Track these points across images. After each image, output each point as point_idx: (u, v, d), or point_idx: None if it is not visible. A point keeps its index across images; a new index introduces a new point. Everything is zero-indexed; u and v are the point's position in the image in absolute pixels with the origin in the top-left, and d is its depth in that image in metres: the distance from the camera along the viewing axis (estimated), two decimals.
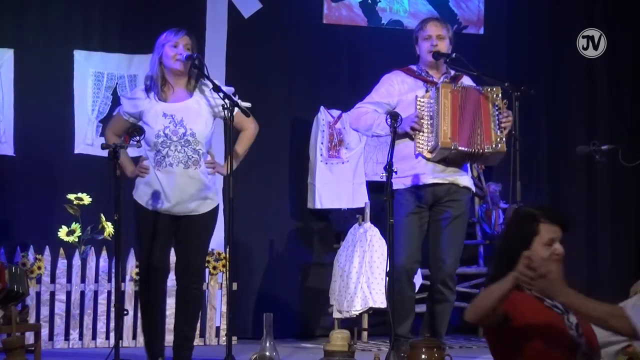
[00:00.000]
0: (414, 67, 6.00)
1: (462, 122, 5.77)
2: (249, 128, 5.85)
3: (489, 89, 5.85)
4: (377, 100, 5.93)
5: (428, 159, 5.79)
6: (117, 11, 7.93)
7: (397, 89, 5.93)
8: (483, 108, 5.83)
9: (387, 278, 5.79)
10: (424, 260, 6.25)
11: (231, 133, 5.56)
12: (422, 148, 5.78)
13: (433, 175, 5.82)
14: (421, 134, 5.78)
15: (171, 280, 6.24)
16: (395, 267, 5.74)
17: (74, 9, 7.82)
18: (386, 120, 5.65)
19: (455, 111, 5.75)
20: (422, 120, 5.78)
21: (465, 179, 5.93)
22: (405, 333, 5.79)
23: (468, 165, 6.08)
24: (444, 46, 5.91)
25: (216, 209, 5.81)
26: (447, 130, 5.72)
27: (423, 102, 5.80)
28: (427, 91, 5.87)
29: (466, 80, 6.03)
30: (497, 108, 5.83)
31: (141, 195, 5.66)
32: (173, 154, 5.61)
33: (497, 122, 5.82)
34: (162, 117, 5.62)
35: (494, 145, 5.81)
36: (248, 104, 5.74)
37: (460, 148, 5.72)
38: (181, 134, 5.64)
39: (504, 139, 5.84)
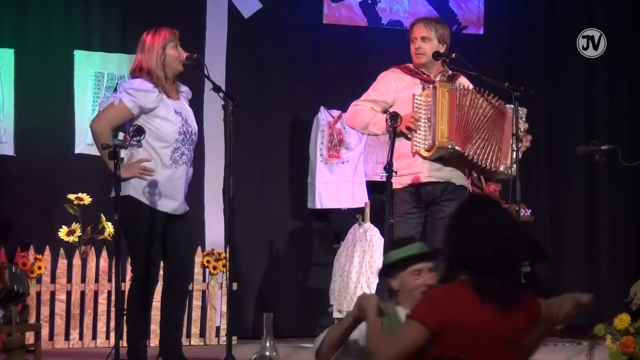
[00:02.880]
0: (411, 65, 6.01)
1: (461, 123, 5.75)
2: None
3: (514, 109, 5.80)
4: (373, 98, 5.94)
5: (425, 158, 5.78)
6: (117, 11, 7.93)
7: (394, 87, 5.93)
8: (506, 128, 5.82)
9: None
10: None
11: (231, 133, 5.56)
12: (419, 147, 5.77)
13: (429, 174, 5.81)
14: (418, 132, 5.77)
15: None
16: None
17: (74, 9, 7.82)
18: (386, 120, 5.65)
19: (453, 111, 5.73)
20: (418, 120, 5.77)
21: (461, 178, 5.92)
22: None
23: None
24: (431, 47, 5.88)
25: None
26: (445, 129, 5.70)
27: (420, 100, 5.79)
28: (424, 89, 5.87)
29: (463, 81, 6.02)
30: (520, 131, 5.79)
31: (145, 194, 5.58)
32: (187, 153, 5.65)
33: (516, 144, 5.80)
34: (175, 114, 5.62)
35: (507, 169, 5.80)
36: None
37: (456, 148, 5.71)
38: (190, 132, 5.66)
39: (515, 164, 5.82)
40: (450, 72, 5.99)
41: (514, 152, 5.80)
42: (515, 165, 5.81)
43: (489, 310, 3.24)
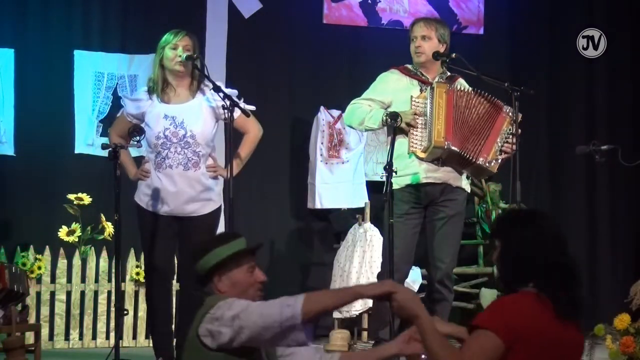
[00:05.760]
0: (409, 66, 6.00)
1: (457, 123, 5.75)
2: (252, 131, 5.83)
3: (510, 110, 5.82)
4: (371, 97, 5.94)
5: (421, 159, 5.78)
6: (117, 11, 7.93)
7: (392, 87, 5.93)
8: (497, 123, 5.82)
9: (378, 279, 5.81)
10: (422, 260, 6.24)
11: (232, 134, 5.55)
12: (415, 147, 5.76)
13: (426, 175, 5.80)
14: (414, 133, 5.75)
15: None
16: (383, 267, 5.78)
17: (74, 9, 7.83)
18: (386, 120, 5.65)
19: (450, 111, 5.73)
20: (420, 116, 5.76)
21: (459, 179, 5.91)
22: (387, 337, 5.60)
23: None
24: (431, 46, 5.88)
25: (218, 210, 5.78)
26: (441, 129, 5.70)
27: (418, 102, 5.79)
28: (421, 91, 5.87)
29: (462, 82, 6.02)
30: (510, 131, 5.79)
31: (142, 197, 5.64)
32: (173, 156, 5.60)
33: (502, 143, 5.80)
34: (162, 118, 5.61)
35: (487, 162, 5.80)
36: (252, 107, 5.72)
37: (452, 148, 5.71)
38: (181, 135, 5.63)
39: (499, 160, 5.83)
40: (448, 73, 5.99)
41: (499, 151, 5.80)
42: (495, 162, 5.81)
43: (565, 323, 3.11)
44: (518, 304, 3.09)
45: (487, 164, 5.80)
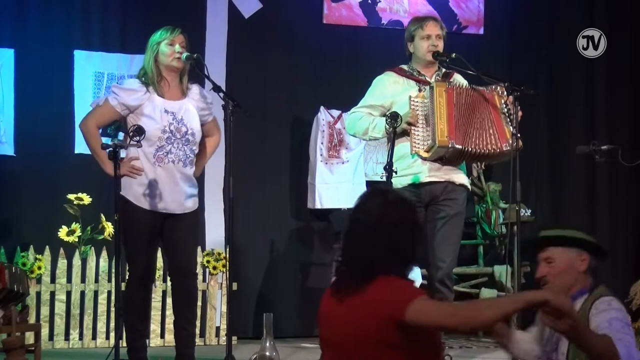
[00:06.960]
0: (405, 67, 6.00)
1: (459, 120, 5.75)
2: (216, 136, 5.92)
3: (492, 88, 5.83)
4: (370, 104, 5.93)
5: (424, 159, 5.78)
6: (117, 11, 7.94)
7: (390, 90, 5.92)
8: (492, 107, 5.81)
9: None
10: (422, 260, 6.24)
11: (231, 133, 5.55)
12: (418, 147, 5.76)
13: (429, 173, 5.81)
14: (416, 133, 5.75)
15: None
16: None
17: (74, 9, 7.83)
18: (386, 120, 5.65)
19: (451, 109, 5.73)
20: (417, 118, 5.77)
21: (461, 177, 5.92)
22: None
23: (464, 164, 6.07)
24: (442, 46, 5.92)
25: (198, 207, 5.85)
26: (444, 128, 5.70)
27: (417, 102, 5.79)
28: (420, 90, 5.87)
29: (457, 78, 6.03)
30: (505, 106, 5.79)
31: (136, 194, 5.57)
32: (175, 151, 5.60)
33: (508, 119, 5.79)
34: (164, 112, 5.60)
35: (511, 145, 5.74)
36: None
37: (457, 146, 5.71)
38: (183, 132, 5.63)
39: (518, 135, 5.78)
40: (443, 70, 6.00)
41: (510, 127, 5.78)
42: (514, 138, 5.75)
43: (331, 297, 3.29)
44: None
45: (510, 146, 5.76)
